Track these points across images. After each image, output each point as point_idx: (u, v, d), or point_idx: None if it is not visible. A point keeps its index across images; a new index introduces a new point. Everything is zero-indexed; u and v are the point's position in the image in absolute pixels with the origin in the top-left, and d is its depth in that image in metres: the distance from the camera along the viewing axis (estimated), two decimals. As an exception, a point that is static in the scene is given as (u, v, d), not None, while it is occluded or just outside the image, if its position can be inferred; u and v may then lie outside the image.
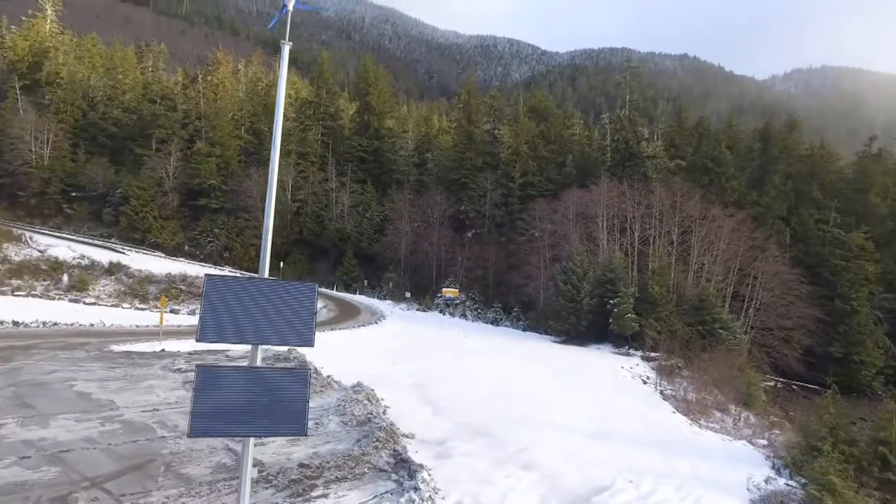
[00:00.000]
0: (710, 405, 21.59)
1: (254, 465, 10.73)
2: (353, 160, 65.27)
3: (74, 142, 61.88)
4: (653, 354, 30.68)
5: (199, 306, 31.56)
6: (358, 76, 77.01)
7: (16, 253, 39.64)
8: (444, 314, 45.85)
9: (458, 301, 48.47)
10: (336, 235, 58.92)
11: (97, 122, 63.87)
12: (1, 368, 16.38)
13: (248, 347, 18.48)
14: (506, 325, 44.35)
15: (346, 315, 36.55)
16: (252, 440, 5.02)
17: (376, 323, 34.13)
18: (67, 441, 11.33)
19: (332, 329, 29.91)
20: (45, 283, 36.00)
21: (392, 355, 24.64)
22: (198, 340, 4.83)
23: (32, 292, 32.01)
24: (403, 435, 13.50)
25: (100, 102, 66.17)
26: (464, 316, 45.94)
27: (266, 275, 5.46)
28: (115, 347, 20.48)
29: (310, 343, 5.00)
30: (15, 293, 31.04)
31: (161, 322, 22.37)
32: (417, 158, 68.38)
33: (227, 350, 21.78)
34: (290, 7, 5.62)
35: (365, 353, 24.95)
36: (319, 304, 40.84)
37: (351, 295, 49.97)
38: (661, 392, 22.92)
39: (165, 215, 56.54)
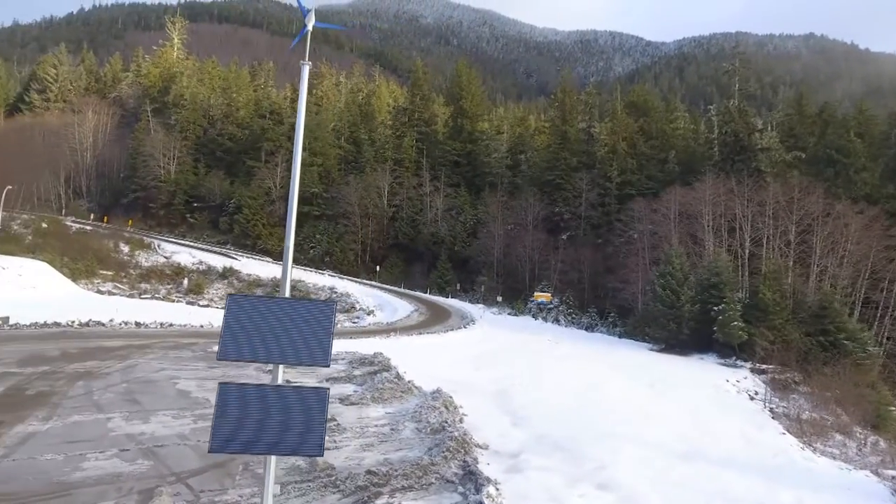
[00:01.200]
0: (829, 427, 19.26)
1: (324, 469, 10.98)
2: (447, 164, 66.01)
3: (196, 157, 68.10)
4: (764, 367, 27.97)
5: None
6: (451, 81, 77.87)
7: (146, 259, 44.25)
8: (536, 319, 44.91)
9: (550, 305, 47.32)
10: (430, 239, 59.86)
11: (215, 138, 69.91)
12: (118, 366, 18.16)
13: (341, 350, 18.95)
14: (601, 332, 42.60)
15: (436, 319, 36.86)
16: (274, 458, 5.00)
17: (465, 327, 34.10)
18: (163, 436, 12.24)
19: (420, 333, 30.22)
20: (169, 286, 39.81)
21: (477, 361, 24.41)
22: (218, 358, 4.90)
23: (156, 295, 35.49)
24: (477, 445, 13.18)
25: (217, 120, 72.29)
26: (556, 321, 44.72)
27: (287, 291, 5.46)
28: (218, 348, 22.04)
29: (325, 364, 4.90)
30: (142, 296, 34.58)
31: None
32: (511, 160, 67.82)
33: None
34: (310, 27, 5.58)
35: (450, 357, 24.91)
36: (411, 307, 41.62)
37: (444, 298, 50.44)
38: (771, 409, 20.81)
39: (273, 222, 60.57)
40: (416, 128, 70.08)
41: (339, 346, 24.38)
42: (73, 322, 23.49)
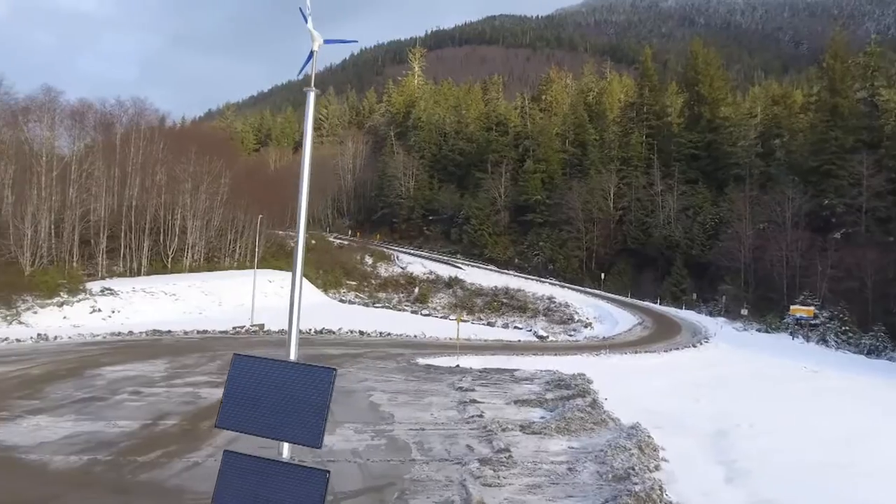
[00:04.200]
0: None
1: (480, 505, 10.15)
2: (682, 159, 59.70)
3: (431, 173, 74.36)
4: None
5: (514, 319, 33.08)
6: (685, 65, 70.21)
7: (385, 270, 49.29)
8: (794, 338, 37.05)
9: (815, 321, 38.55)
10: (663, 243, 54.66)
11: (447, 154, 75.36)
12: (329, 374, 20.10)
13: (540, 368, 17.88)
14: (890, 358, 33.08)
15: (661, 335, 33.12)
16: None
17: (694, 346, 29.86)
18: (339, 451, 12.86)
19: (636, 351, 27.36)
20: (401, 294, 43.58)
21: (698, 389, 20.95)
22: (217, 426, 4.47)
23: (387, 304, 39.08)
24: (668, 504, 10.93)
25: (450, 137, 77.66)
26: (823, 341, 36.19)
27: (293, 351, 4.77)
28: (420, 360, 22.93)
29: (316, 444, 4.11)
30: (375, 304, 38.44)
31: (458, 338, 24.03)
32: (762, 147, 58.03)
33: (516, 370, 22.02)
34: (316, 48, 4.83)
35: (666, 383, 21.92)
36: (634, 320, 38.27)
37: (676, 310, 45.28)
38: None
39: (498, 231, 62.50)
40: (645, 122, 65.11)
41: (540, 363, 23.37)
42: (309, 330, 27.00)
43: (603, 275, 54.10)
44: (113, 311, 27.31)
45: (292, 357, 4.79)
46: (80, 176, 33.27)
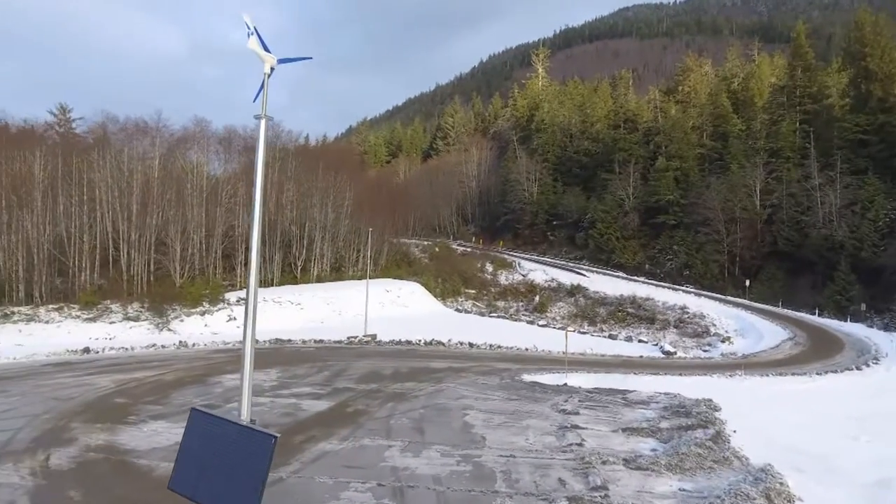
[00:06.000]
0: None
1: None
2: (846, 146, 51.66)
3: (554, 177, 72.18)
4: None
5: (640, 331, 30.57)
6: (848, 38, 60.65)
7: (505, 278, 48.46)
8: None
9: None
10: (822, 245, 47.54)
11: (572, 156, 72.63)
12: (429, 389, 19.81)
13: (659, 389, 16.27)
14: None
15: (817, 353, 28.58)
16: None
17: (859, 368, 25.33)
18: (420, 476, 12.46)
19: (781, 373, 23.84)
20: (520, 303, 42.48)
21: (861, 424, 17.64)
22: (168, 488, 4.20)
23: (503, 314, 38.25)
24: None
25: (575, 138, 74.93)
26: None
27: (245, 409, 4.31)
28: (526, 377, 21.86)
29: (248, 526, 3.63)
30: (491, 314, 37.80)
31: (566, 352, 22.61)
32: (956, 126, 48.33)
33: (631, 391, 20.16)
34: (268, 70, 4.36)
35: (816, 414, 18.79)
36: (784, 334, 33.61)
37: (839, 323, 38.94)
38: None
39: (627, 235, 58.78)
40: (798, 107, 57.40)
41: (661, 384, 21.21)
42: (419, 341, 27.06)
43: (748, 282, 48.35)
44: (246, 320, 29.65)
45: (244, 414, 4.34)
46: (224, 195, 36.87)
